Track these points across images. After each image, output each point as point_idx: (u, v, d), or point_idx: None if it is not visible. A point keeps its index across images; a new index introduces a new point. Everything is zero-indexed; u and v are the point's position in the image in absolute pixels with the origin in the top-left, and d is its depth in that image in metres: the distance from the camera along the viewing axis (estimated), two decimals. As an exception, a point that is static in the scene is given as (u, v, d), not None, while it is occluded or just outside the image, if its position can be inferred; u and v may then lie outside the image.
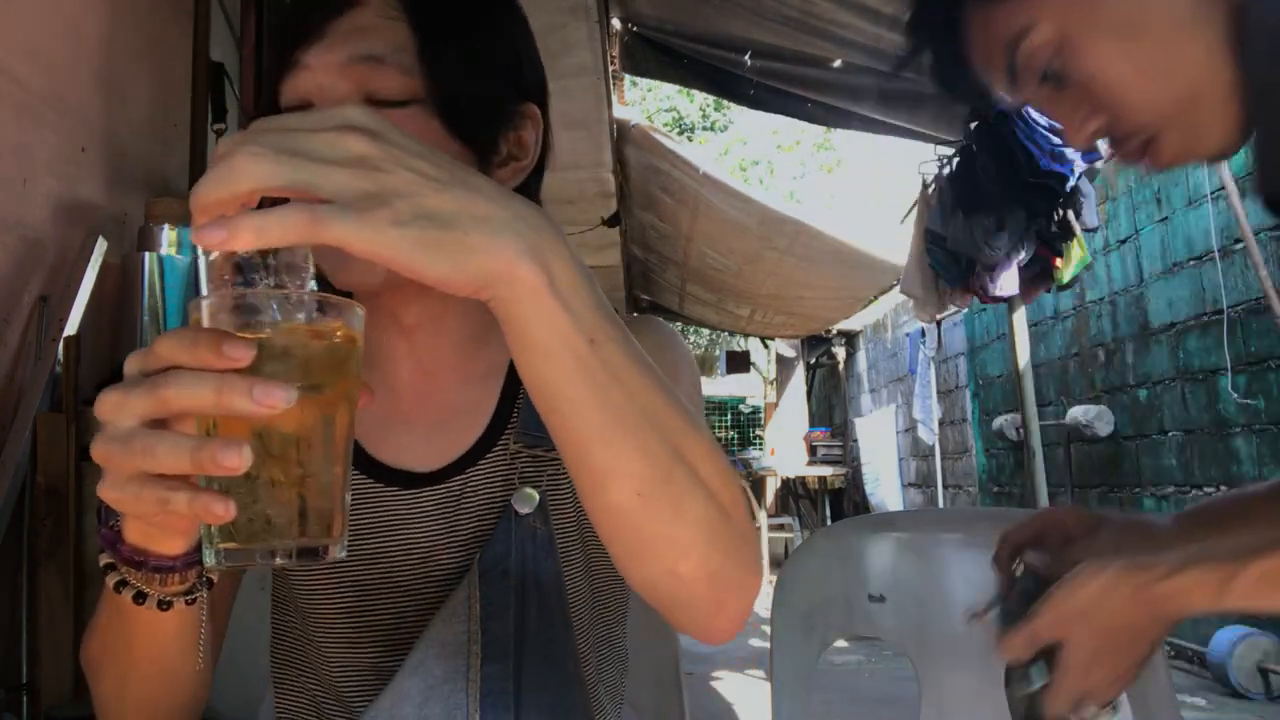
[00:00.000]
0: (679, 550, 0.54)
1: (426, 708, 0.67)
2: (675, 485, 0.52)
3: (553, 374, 0.48)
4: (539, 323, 0.47)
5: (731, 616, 0.59)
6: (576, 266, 0.49)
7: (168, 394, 0.43)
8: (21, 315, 1.96)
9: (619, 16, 3.69)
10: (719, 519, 0.55)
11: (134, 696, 0.65)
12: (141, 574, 0.55)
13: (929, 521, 1.18)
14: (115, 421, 0.44)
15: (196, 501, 0.43)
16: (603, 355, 0.49)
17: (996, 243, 3.27)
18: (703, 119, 14.68)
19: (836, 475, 8.28)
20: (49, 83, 2.05)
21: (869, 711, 3.72)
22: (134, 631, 0.60)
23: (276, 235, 0.41)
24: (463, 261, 0.44)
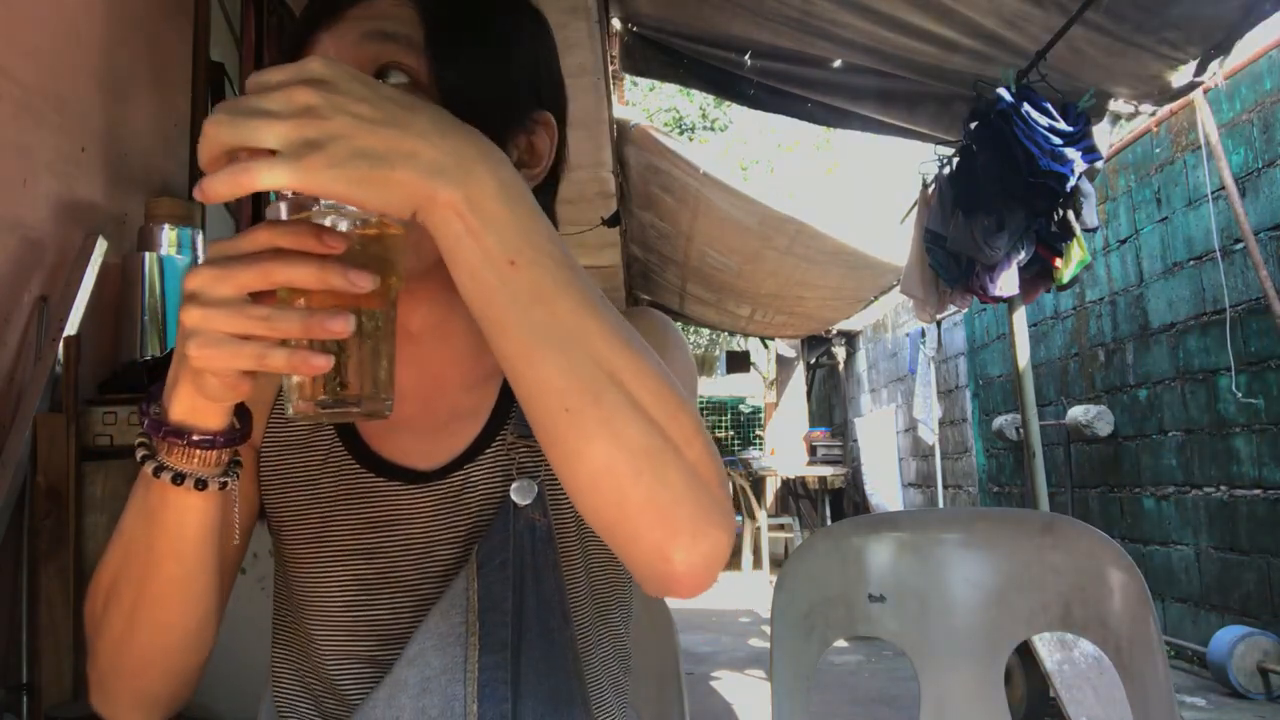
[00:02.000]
0: (616, 473, 0.54)
1: (424, 698, 0.67)
2: (605, 407, 0.54)
3: (476, 292, 0.54)
4: (459, 244, 0.52)
5: (688, 562, 0.57)
6: (503, 191, 0.53)
7: (275, 269, 0.50)
8: (21, 315, 1.96)
9: (619, 16, 3.69)
10: (664, 450, 0.55)
11: (146, 624, 0.64)
12: (182, 451, 0.58)
13: (929, 521, 1.18)
14: (212, 291, 0.51)
15: (295, 355, 0.50)
16: (526, 275, 0.53)
17: (996, 243, 3.26)
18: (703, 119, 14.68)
19: (836, 475, 8.28)
20: (49, 83, 2.05)
21: (869, 711, 3.72)
22: (162, 526, 0.60)
23: (223, 190, 0.48)
24: (391, 194, 0.50)
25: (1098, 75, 3.10)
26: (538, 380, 0.54)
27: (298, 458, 0.77)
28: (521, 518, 0.72)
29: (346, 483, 0.75)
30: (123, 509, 0.64)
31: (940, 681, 1.06)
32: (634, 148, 5.00)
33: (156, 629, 0.65)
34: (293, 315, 0.50)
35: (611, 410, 0.54)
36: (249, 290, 0.51)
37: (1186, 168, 4.17)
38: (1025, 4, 2.78)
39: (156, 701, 0.70)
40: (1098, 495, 4.90)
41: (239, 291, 0.51)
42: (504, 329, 0.54)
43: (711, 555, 0.57)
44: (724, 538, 0.58)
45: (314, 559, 0.75)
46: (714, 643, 5.04)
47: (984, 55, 3.13)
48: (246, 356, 0.51)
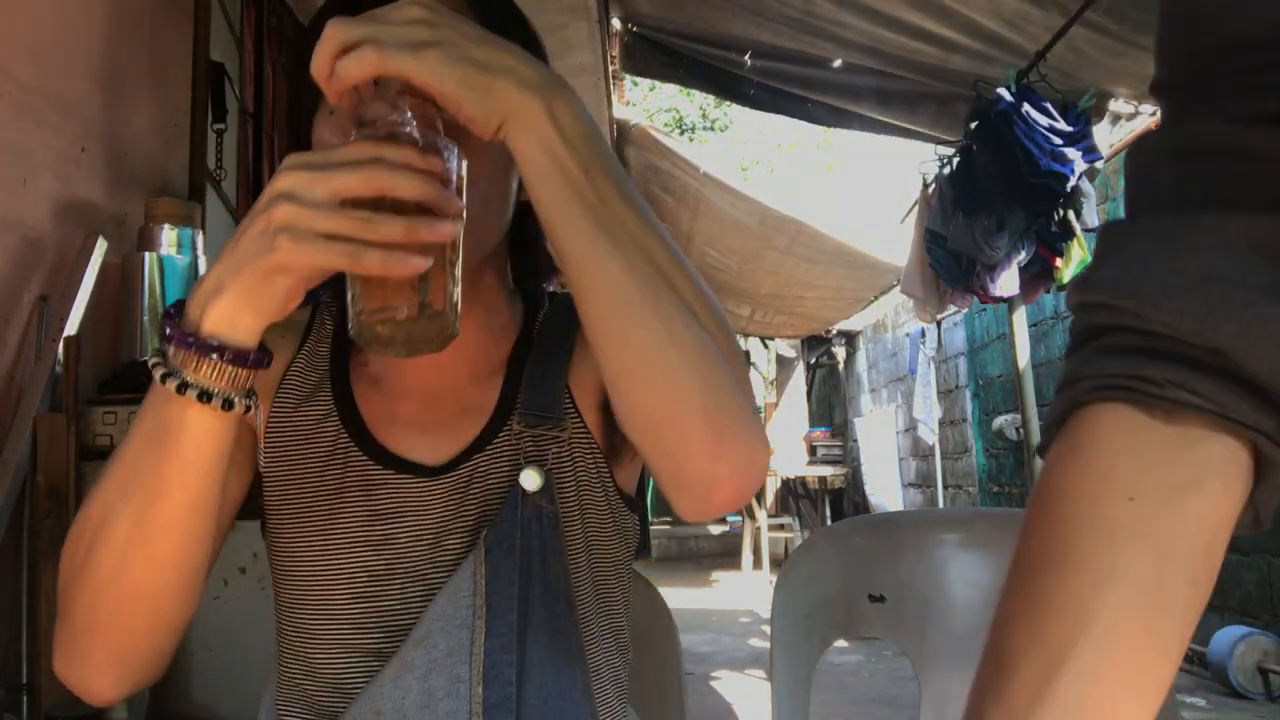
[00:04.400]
0: (671, 369, 0.58)
1: (430, 679, 0.68)
2: (664, 305, 0.58)
3: (551, 194, 0.58)
4: (539, 149, 0.58)
5: (736, 460, 0.58)
6: (580, 115, 0.59)
7: (379, 176, 0.53)
8: (21, 315, 1.96)
9: (619, 16, 3.69)
10: (714, 354, 0.59)
11: (139, 561, 0.60)
12: (211, 367, 0.56)
13: (929, 521, 1.18)
14: (309, 191, 0.53)
15: (391, 256, 0.52)
16: (595, 184, 0.58)
17: (997, 243, 3.27)
18: (703, 119, 14.68)
19: (836, 475, 8.28)
20: (49, 83, 2.05)
21: (869, 711, 3.72)
22: (176, 449, 0.58)
23: (354, 70, 0.55)
24: (488, 98, 0.56)
25: (1098, 75, 3.11)
26: (604, 275, 0.58)
27: (303, 450, 0.77)
28: (529, 504, 0.72)
29: (354, 475, 0.75)
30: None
31: (940, 681, 1.05)
32: (634, 148, 5.00)
33: (150, 566, 0.61)
34: (395, 219, 0.53)
35: (669, 308, 0.59)
36: (348, 195, 0.53)
37: (1186, 168, 4.17)
38: (1025, 4, 2.78)
39: (133, 663, 0.65)
40: (1098, 495, 4.90)
41: (337, 195, 0.53)
42: (576, 229, 0.58)
43: (755, 460, 0.60)
44: (765, 449, 0.61)
45: (320, 551, 0.75)
46: (714, 643, 5.04)
47: (984, 55, 3.14)
48: (340, 254, 0.53)
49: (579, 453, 0.77)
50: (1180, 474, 0.43)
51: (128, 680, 0.65)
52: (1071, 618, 0.42)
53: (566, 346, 0.80)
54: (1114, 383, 0.44)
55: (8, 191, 1.92)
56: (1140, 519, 0.42)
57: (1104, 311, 0.45)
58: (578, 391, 0.79)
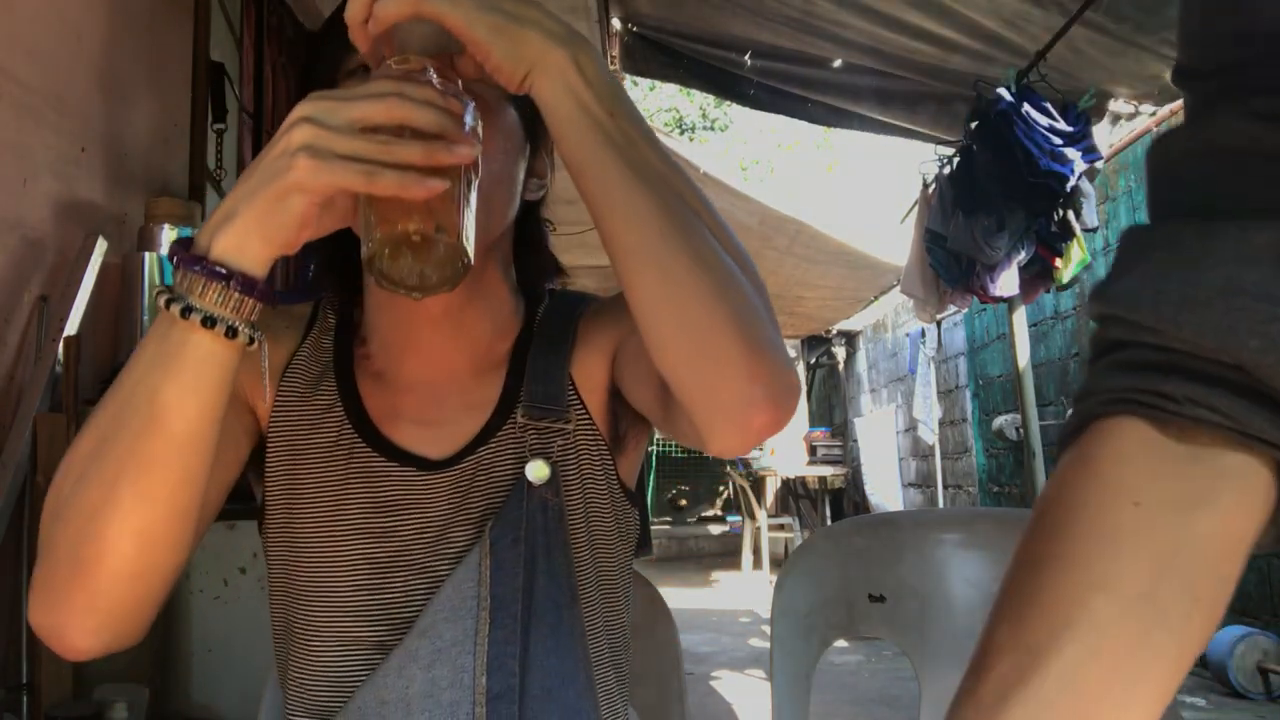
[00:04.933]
0: (706, 296, 0.59)
1: (434, 669, 0.69)
2: (694, 233, 0.61)
3: (579, 137, 0.60)
4: (566, 95, 0.60)
5: (769, 388, 0.59)
6: (602, 67, 0.62)
7: (399, 106, 0.55)
8: (21, 315, 1.96)
9: (619, 16, 3.69)
10: (742, 282, 0.61)
11: (129, 494, 0.58)
12: (219, 292, 0.56)
13: (929, 521, 1.18)
14: (330, 116, 0.55)
15: (407, 177, 0.54)
16: (620, 126, 0.61)
17: (997, 243, 3.26)
18: (703, 119, 14.67)
19: (836, 475, 8.27)
20: (49, 83, 2.05)
21: (869, 711, 3.72)
22: (177, 375, 0.57)
23: (392, 9, 0.57)
24: (516, 47, 0.59)
25: (1098, 75, 3.11)
26: (634, 207, 0.60)
27: (307, 439, 0.77)
28: (535, 497, 0.73)
29: (358, 466, 0.76)
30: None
31: (940, 681, 1.05)
32: (634, 148, 4.99)
33: (140, 499, 0.58)
34: (413, 142, 0.54)
35: (699, 240, 0.61)
36: (368, 123, 0.55)
37: (1186, 168, 4.16)
38: (1025, 4, 2.78)
39: (113, 611, 0.60)
40: (1098, 495, 4.90)
41: (357, 122, 0.55)
42: (604, 168, 0.60)
43: (790, 384, 0.61)
44: (798, 377, 0.62)
45: (326, 542, 0.75)
46: (714, 643, 5.04)
47: (984, 55, 3.13)
48: (356, 173, 0.54)
49: (583, 444, 0.78)
50: (1192, 488, 0.41)
51: (106, 631, 0.61)
52: (1059, 617, 0.41)
53: (568, 338, 0.81)
54: (1130, 397, 0.43)
55: (8, 191, 1.92)
56: (1143, 527, 0.41)
57: (1121, 326, 0.44)
58: (581, 382, 0.79)
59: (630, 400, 0.77)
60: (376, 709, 0.69)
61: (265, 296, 0.58)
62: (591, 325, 0.82)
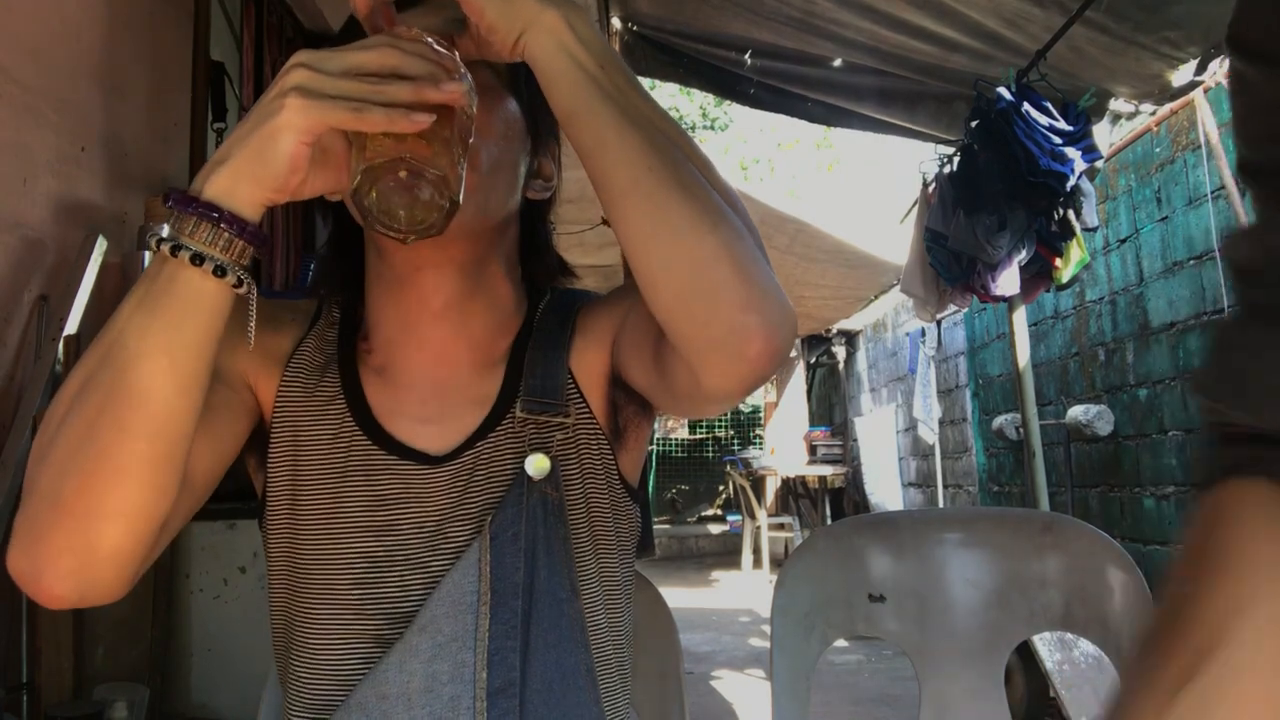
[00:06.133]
0: (697, 227, 0.60)
1: (435, 664, 0.69)
2: (684, 173, 0.62)
3: (571, 88, 0.63)
4: (559, 51, 0.63)
5: (764, 318, 0.60)
6: (588, 21, 0.65)
7: (391, 54, 0.58)
8: (21, 315, 1.96)
9: (619, 16, 3.69)
10: (734, 216, 0.63)
11: (110, 424, 0.57)
12: (209, 231, 0.57)
13: (929, 521, 1.18)
14: (324, 63, 0.57)
15: (394, 111, 0.56)
16: (612, 77, 0.64)
17: (998, 242, 3.26)
18: (703, 119, 14.66)
19: (836, 475, 8.28)
20: (49, 83, 2.05)
21: (869, 711, 3.72)
22: (165, 311, 0.58)
23: None
24: (509, 9, 0.63)
25: (1098, 74, 3.10)
26: (628, 150, 0.62)
27: (310, 431, 0.78)
28: (535, 491, 0.73)
29: (358, 459, 0.76)
30: None
31: (940, 681, 1.05)
32: (634, 147, 4.99)
33: (121, 435, 0.57)
34: (402, 82, 0.57)
35: (689, 176, 0.63)
36: (361, 69, 0.57)
37: (1186, 167, 4.17)
38: (1025, 4, 2.78)
39: (93, 553, 0.58)
40: (1098, 495, 4.90)
41: (350, 67, 0.57)
42: (594, 114, 0.63)
43: (785, 315, 0.61)
44: (790, 309, 0.63)
45: (326, 534, 0.75)
46: (714, 643, 5.04)
47: (984, 55, 3.13)
48: (346, 109, 0.56)
49: (584, 439, 0.78)
50: None
51: (85, 576, 0.59)
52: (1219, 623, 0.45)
53: (567, 333, 0.81)
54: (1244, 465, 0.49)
55: (8, 191, 1.92)
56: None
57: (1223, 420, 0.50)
58: (581, 376, 0.80)
59: (629, 376, 0.77)
60: (377, 704, 0.69)
61: (256, 239, 0.59)
62: (590, 317, 0.82)
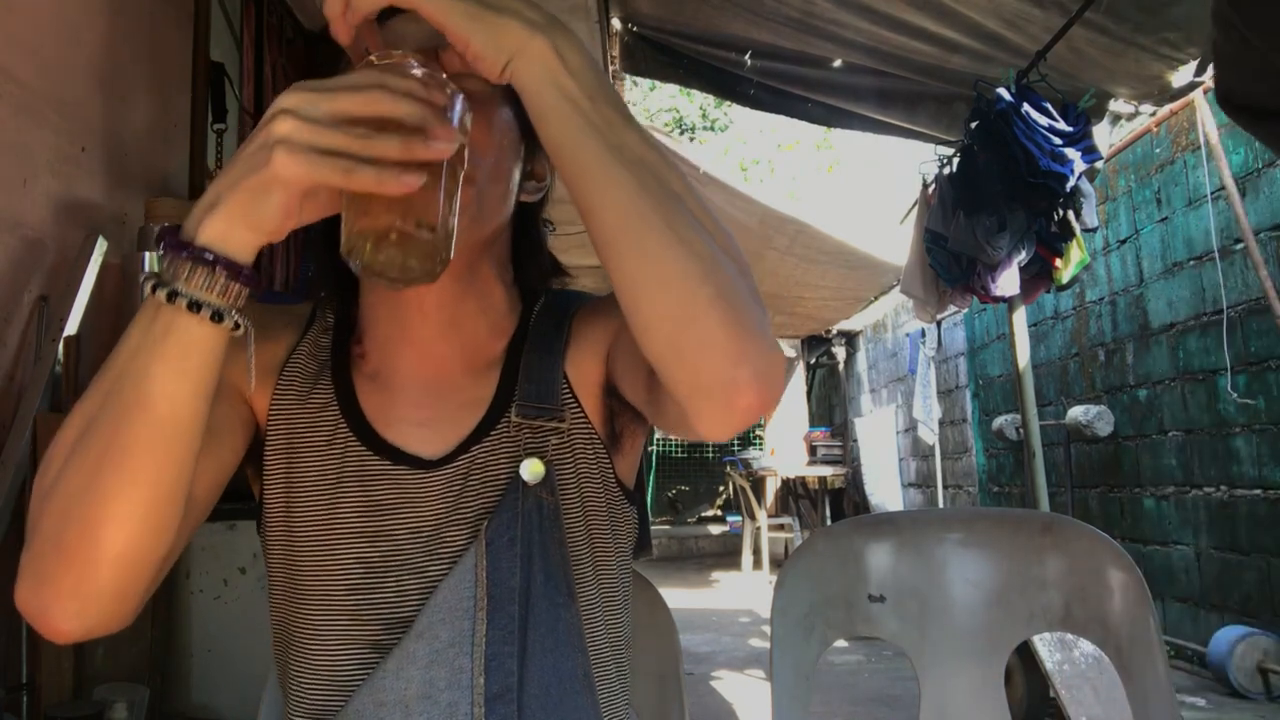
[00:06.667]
0: (688, 275, 0.58)
1: (432, 670, 0.68)
2: (675, 218, 0.60)
3: (560, 122, 0.60)
4: (547, 81, 0.60)
5: (755, 370, 0.58)
6: (583, 53, 0.62)
7: (381, 99, 0.54)
8: (21, 315, 1.96)
9: (619, 16, 3.69)
10: (725, 262, 0.60)
11: (111, 475, 0.58)
12: (204, 276, 0.56)
13: (929, 521, 1.18)
14: (310, 109, 0.54)
15: (385, 172, 0.53)
16: (601, 110, 0.61)
17: (998, 242, 3.26)
18: (703, 119, 14.67)
19: (836, 475, 8.27)
20: (49, 83, 2.05)
21: (869, 711, 3.72)
22: (163, 358, 0.57)
23: (370, 1, 0.58)
24: (495, 36, 0.59)
25: (1098, 75, 3.10)
26: (615, 189, 0.60)
27: (304, 439, 0.77)
28: (530, 496, 0.73)
29: (353, 466, 0.76)
30: None
31: (940, 681, 1.05)
32: (634, 148, 4.99)
33: (124, 482, 0.58)
34: (391, 136, 0.54)
35: (679, 220, 0.60)
36: (348, 115, 0.54)
37: (1186, 168, 4.16)
38: (1025, 4, 2.78)
39: (98, 596, 0.60)
40: (1098, 495, 4.90)
41: (337, 114, 0.54)
42: (585, 152, 0.60)
43: (775, 365, 0.60)
44: (783, 357, 0.62)
45: (321, 541, 0.75)
46: (714, 643, 5.04)
47: (984, 55, 3.13)
48: (334, 168, 0.53)
49: (579, 443, 0.78)
50: None
51: (90, 615, 0.60)
52: None
53: (563, 336, 0.81)
54: None
55: (8, 191, 1.92)
56: None
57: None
58: (576, 381, 0.79)
59: (622, 391, 0.77)
60: (374, 711, 0.69)
61: (251, 282, 0.58)
62: (585, 323, 0.82)
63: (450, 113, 0.58)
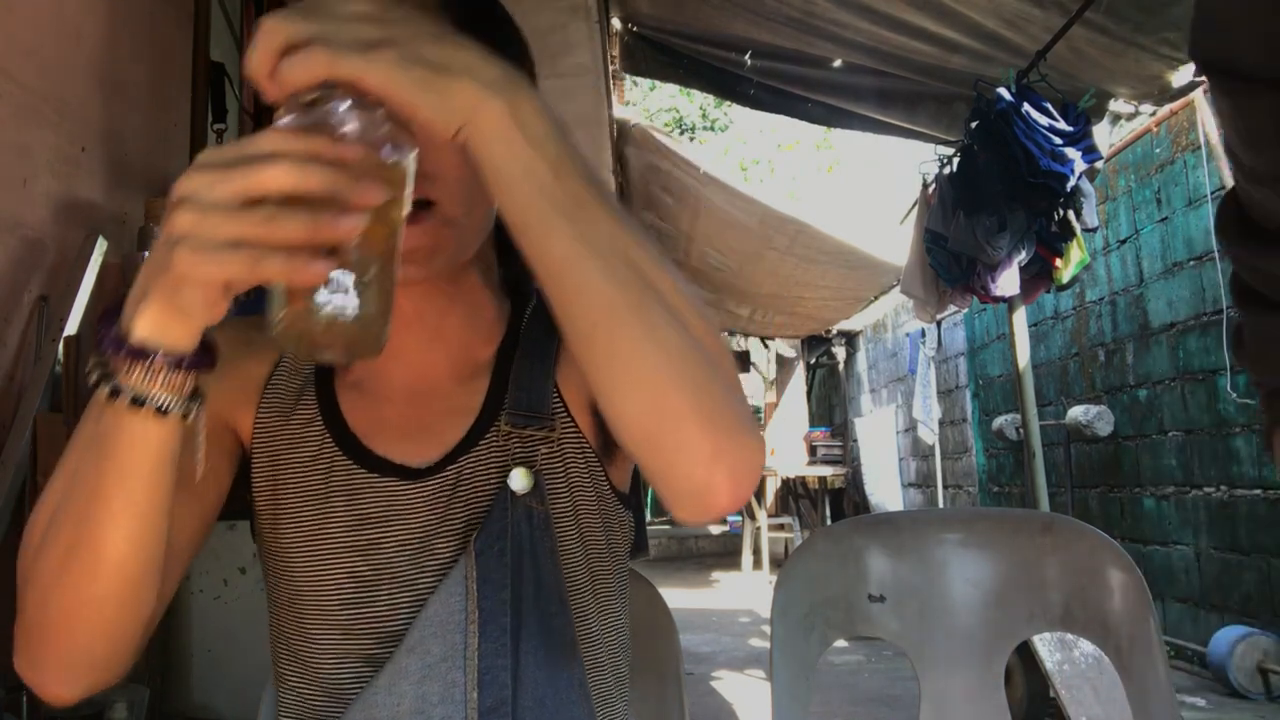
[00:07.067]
0: (662, 378, 0.55)
1: (424, 685, 0.67)
2: (647, 311, 0.55)
3: (521, 200, 0.54)
4: (506, 154, 0.54)
5: (732, 465, 0.56)
6: (545, 113, 0.55)
7: (282, 172, 0.48)
8: (21, 315, 1.96)
9: (619, 16, 3.69)
10: (703, 358, 0.57)
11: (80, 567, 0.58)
12: (144, 372, 0.54)
13: (929, 521, 1.18)
14: (209, 193, 0.48)
15: (295, 259, 0.48)
16: (566, 186, 0.54)
17: (998, 242, 3.26)
18: (703, 119, 14.67)
19: (836, 475, 8.28)
20: (49, 83, 2.05)
21: (869, 711, 3.72)
22: (113, 456, 0.56)
23: (303, 73, 0.50)
24: (446, 101, 0.52)
25: (1098, 75, 3.11)
26: (583, 283, 0.55)
27: (289, 455, 0.76)
28: (519, 506, 0.72)
29: (339, 479, 0.74)
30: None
31: (940, 681, 1.05)
32: (634, 148, 4.99)
33: (93, 573, 0.58)
34: (298, 215, 0.48)
35: (653, 315, 0.55)
36: (249, 196, 0.48)
37: (1186, 168, 4.17)
38: (1025, 4, 2.78)
39: (88, 664, 0.62)
40: (1098, 495, 4.90)
41: (238, 196, 0.48)
42: (548, 236, 0.55)
43: (752, 463, 0.58)
44: (761, 447, 0.59)
45: (310, 557, 0.74)
46: (714, 643, 5.04)
47: (984, 55, 3.13)
48: (240, 263, 0.48)
49: (570, 452, 0.76)
50: None
51: (82, 681, 0.63)
52: None
53: (554, 344, 0.79)
54: None
55: (8, 191, 1.92)
56: None
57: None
58: (566, 390, 0.78)
59: None
60: None
61: (200, 363, 0.55)
62: None
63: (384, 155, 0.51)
